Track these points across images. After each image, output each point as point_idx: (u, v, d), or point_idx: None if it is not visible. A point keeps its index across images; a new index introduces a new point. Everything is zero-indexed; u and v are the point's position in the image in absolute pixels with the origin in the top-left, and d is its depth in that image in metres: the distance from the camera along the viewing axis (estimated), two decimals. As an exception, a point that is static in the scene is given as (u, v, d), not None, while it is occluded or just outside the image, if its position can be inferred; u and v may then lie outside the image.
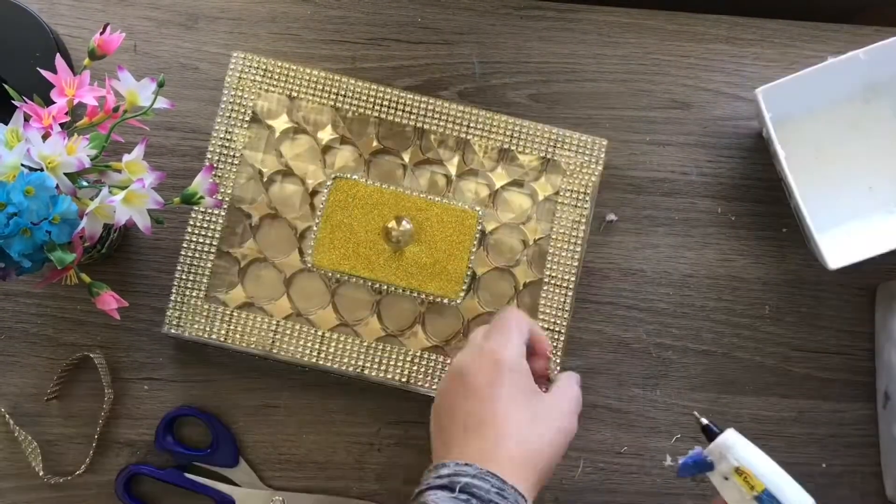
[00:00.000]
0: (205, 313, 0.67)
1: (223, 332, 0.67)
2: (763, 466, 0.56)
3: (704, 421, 0.59)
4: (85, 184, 0.57)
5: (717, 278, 0.72)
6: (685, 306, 0.72)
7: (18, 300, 0.70)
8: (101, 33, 0.58)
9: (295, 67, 0.69)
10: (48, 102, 0.56)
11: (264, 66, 0.69)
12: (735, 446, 0.57)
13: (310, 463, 0.70)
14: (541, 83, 0.73)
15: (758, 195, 0.73)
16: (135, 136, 0.62)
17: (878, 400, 0.72)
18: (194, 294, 0.67)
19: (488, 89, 0.73)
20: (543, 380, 0.62)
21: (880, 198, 0.72)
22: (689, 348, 0.72)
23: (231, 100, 0.69)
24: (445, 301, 0.68)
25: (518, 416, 0.57)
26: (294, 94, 0.69)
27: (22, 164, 0.53)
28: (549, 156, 0.69)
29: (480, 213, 0.68)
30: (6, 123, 0.54)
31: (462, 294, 0.68)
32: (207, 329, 0.67)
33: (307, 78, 0.69)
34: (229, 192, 0.68)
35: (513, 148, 0.69)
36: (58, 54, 0.58)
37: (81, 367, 0.70)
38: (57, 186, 0.53)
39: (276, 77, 0.69)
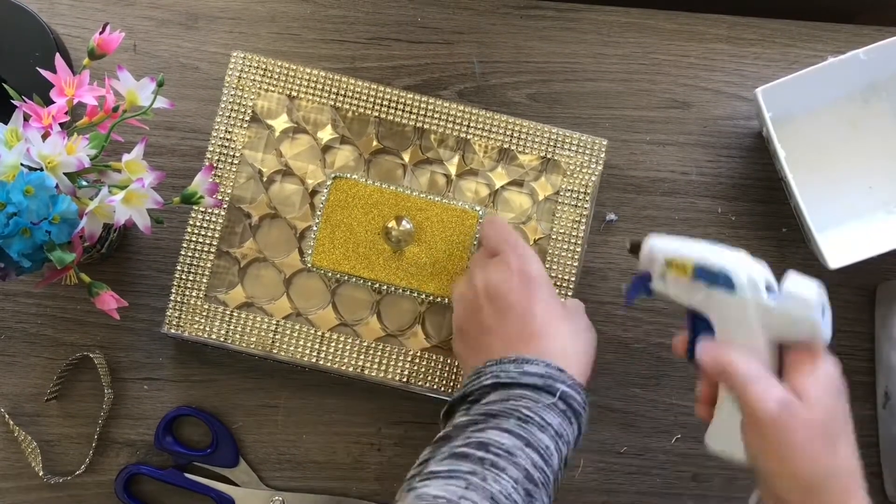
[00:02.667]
0: (204, 313, 0.67)
1: (223, 332, 0.67)
2: (686, 247, 0.56)
3: (629, 244, 0.59)
4: (84, 183, 0.57)
5: (717, 278, 0.72)
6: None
7: (18, 300, 0.70)
8: (101, 33, 0.58)
9: (295, 67, 0.69)
10: (48, 102, 0.56)
11: (264, 66, 0.69)
12: (655, 244, 0.57)
13: (309, 463, 0.70)
14: (541, 83, 0.73)
15: (758, 195, 0.73)
16: (134, 136, 0.62)
17: (878, 400, 0.72)
18: (194, 294, 0.67)
19: (488, 89, 0.73)
20: None
21: (880, 198, 0.72)
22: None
23: (231, 99, 0.69)
24: (445, 301, 0.68)
25: (564, 329, 0.59)
26: (294, 93, 0.69)
27: (21, 164, 0.53)
28: (548, 155, 0.69)
29: (480, 212, 0.68)
30: (6, 123, 0.54)
31: (462, 294, 0.68)
32: (207, 329, 0.67)
33: (307, 77, 0.69)
34: (229, 191, 0.68)
35: (513, 148, 0.69)
36: (57, 54, 0.58)
37: (81, 367, 0.70)
38: (57, 186, 0.53)
39: (276, 77, 0.69)
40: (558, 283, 0.68)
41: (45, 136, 0.53)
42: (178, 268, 0.68)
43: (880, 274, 0.73)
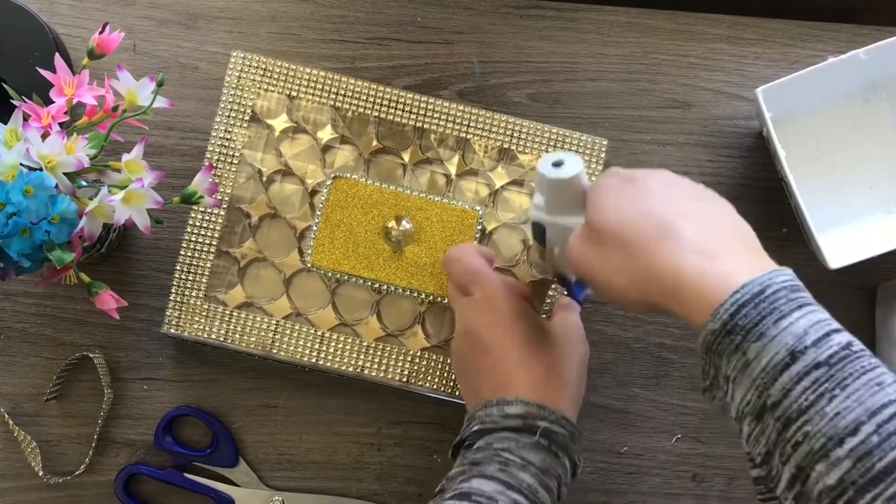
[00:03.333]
0: (204, 313, 0.67)
1: (223, 331, 0.67)
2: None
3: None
4: (84, 183, 0.56)
5: (717, 278, 0.72)
6: (685, 306, 0.72)
7: (18, 300, 0.70)
8: (101, 32, 0.58)
9: (294, 67, 0.69)
10: (47, 102, 0.56)
11: (264, 66, 0.69)
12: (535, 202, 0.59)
13: (309, 463, 0.70)
14: (541, 83, 0.73)
15: (758, 195, 0.73)
16: (134, 136, 0.62)
17: (879, 400, 0.71)
18: (194, 294, 0.67)
19: (488, 89, 0.73)
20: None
21: (880, 198, 0.72)
22: (689, 348, 0.72)
23: (230, 99, 0.69)
24: (445, 301, 0.68)
25: (545, 359, 0.58)
26: (294, 93, 0.69)
27: (21, 164, 0.53)
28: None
29: (480, 212, 0.68)
30: (5, 123, 0.54)
31: (462, 294, 0.68)
32: (207, 329, 0.67)
33: (307, 77, 0.69)
34: (229, 191, 0.68)
35: (513, 148, 0.69)
36: (57, 54, 0.58)
37: (81, 367, 0.70)
38: (56, 186, 0.53)
39: (276, 76, 0.69)
40: (558, 283, 0.68)
41: (44, 136, 0.53)
42: (178, 268, 0.67)
43: (880, 274, 0.73)
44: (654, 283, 0.47)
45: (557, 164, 0.54)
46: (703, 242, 0.47)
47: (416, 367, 0.68)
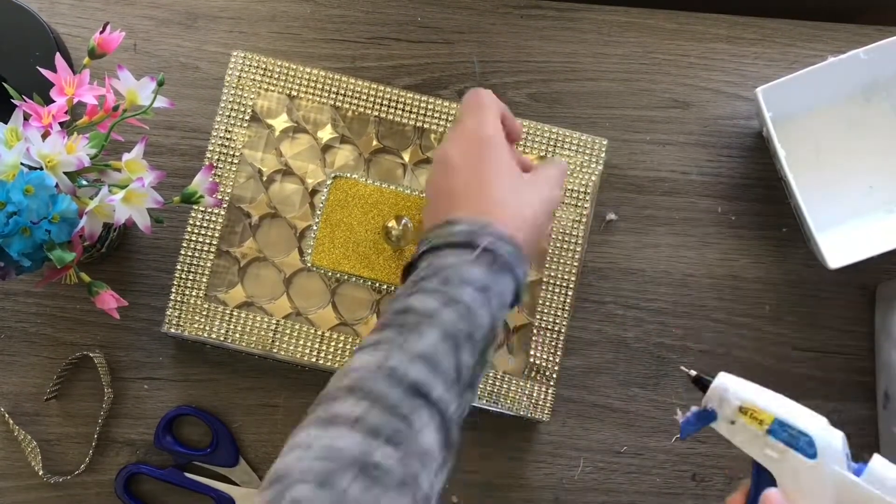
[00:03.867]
0: (204, 313, 0.67)
1: (223, 331, 0.67)
2: (766, 399, 0.54)
3: (693, 373, 0.56)
4: (84, 183, 0.56)
5: (717, 278, 0.72)
6: (685, 306, 0.72)
7: (18, 300, 0.70)
8: (101, 32, 0.58)
9: (295, 66, 0.69)
10: (48, 101, 0.56)
11: (264, 66, 0.69)
12: (731, 387, 0.54)
13: (309, 462, 0.70)
14: (541, 82, 0.73)
15: (758, 195, 0.73)
16: (134, 135, 0.62)
17: (879, 400, 0.72)
18: (194, 293, 0.67)
19: (488, 88, 0.73)
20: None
21: (880, 197, 0.72)
22: (689, 348, 0.72)
23: (231, 99, 0.69)
24: (445, 300, 0.68)
25: (503, 184, 0.57)
26: (294, 93, 0.69)
27: (21, 163, 0.53)
28: (549, 155, 0.69)
29: (480, 212, 0.68)
30: (6, 122, 0.54)
31: (462, 293, 0.68)
32: (207, 328, 0.67)
33: (307, 77, 0.69)
34: (229, 191, 0.68)
35: (513, 147, 0.69)
36: (57, 53, 0.58)
37: (81, 367, 0.70)
38: (56, 185, 0.53)
39: (276, 76, 0.69)
40: (558, 283, 0.68)
41: (45, 136, 0.53)
42: (178, 267, 0.67)
43: (880, 274, 0.73)
44: None
45: None
46: None
47: (416, 367, 0.68)
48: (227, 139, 0.68)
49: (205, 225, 0.68)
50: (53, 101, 0.56)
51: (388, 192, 0.68)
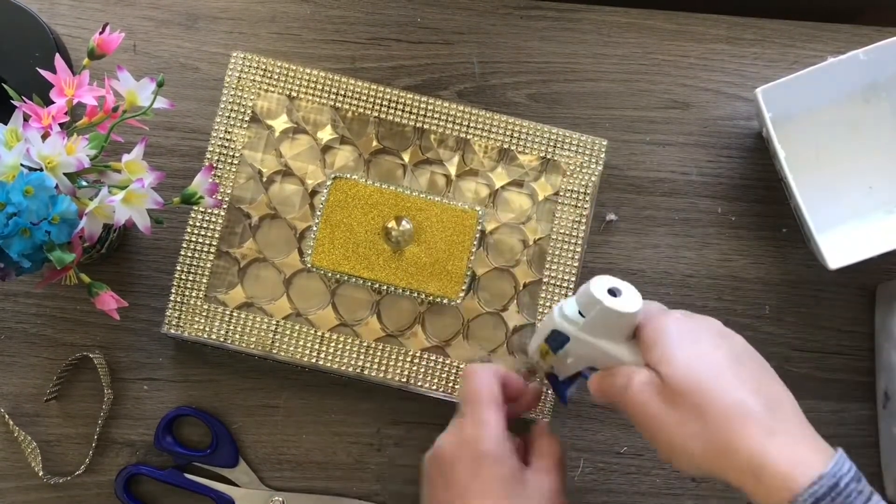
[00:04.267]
0: (204, 313, 0.67)
1: (223, 332, 0.67)
2: (532, 340, 0.59)
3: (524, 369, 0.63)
4: (84, 184, 0.56)
5: (717, 278, 0.72)
6: (685, 306, 0.72)
7: (18, 300, 0.70)
8: (101, 33, 0.58)
9: (294, 67, 0.69)
10: (47, 102, 0.56)
11: (264, 66, 0.69)
12: (528, 348, 0.60)
13: (309, 463, 0.70)
14: (540, 83, 0.73)
15: (758, 195, 0.73)
16: (134, 136, 0.62)
17: (878, 400, 0.72)
18: (194, 294, 0.67)
19: (488, 89, 0.73)
20: (526, 405, 0.62)
21: (880, 198, 0.72)
22: (689, 348, 0.72)
23: (231, 100, 0.69)
24: (445, 301, 0.68)
25: None
26: (294, 93, 0.69)
27: (21, 164, 0.53)
28: (548, 156, 0.69)
29: (480, 212, 0.68)
30: (5, 123, 0.54)
31: (462, 294, 0.68)
32: (207, 329, 0.67)
33: (307, 78, 0.69)
34: (229, 191, 0.68)
35: (513, 148, 0.69)
36: (57, 54, 0.58)
37: (81, 367, 0.70)
38: (56, 186, 0.53)
39: (276, 77, 0.69)
40: (558, 284, 0.68)
41: (44, 137, 0.53)
42: (178, 268, 0.67)
43: (880, 274, 0.73)
44: (731, 460, 0.48)
45: (614, 293, 0.54)
46: (778, 423, 0.49)
47: (415, 368, 0.68)
48: (227, 140, 0.68)
49: (204, 226, 0.68)
50: (53, 102, 0.56)
51: (388, 192, 0.68)
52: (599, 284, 0.55)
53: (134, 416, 0.70)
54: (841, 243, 0.68)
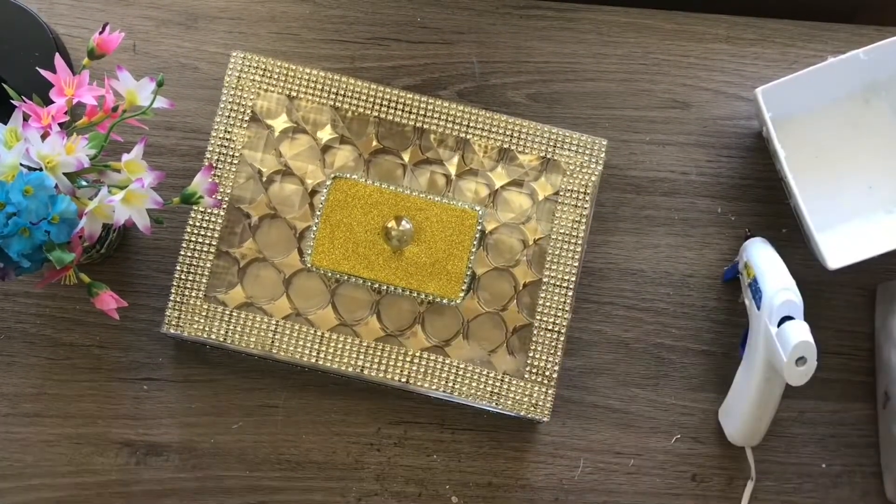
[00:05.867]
0: (204, 313, 0.67)
1: (222, 332, 0.67)
2: (759, 258, 0.66)
3: (749, 232, 0.71)
4: (84, 183, 0.57)
5: (717, 278, 0.72)
6: (685, 306, 0.72)
7: (18, 300, 0.70)
8: (101, 33, 0.58)
9: (294, 67, 0.69)
10: (47, 102, 0.56)
11: (264, 66, 0.69)
12: (748, 247, 0.68)
13: (309, 463, 0.70)
14: (540, 83, 0.73)
15: (758, 195, 0.73)
16: (134, 136, 0.62)
17: (878, 400, 0.72)
18: (193, 294, 0.67)
19: (488, 89, 0.73)
20: None
21: (880, 198, 0.72)
22: (689, 348, 0.72)
23: (230, 99, 0.69)
24: (445, 301, 0.68)
25: None
26: (293, 93, 0.69)
27: (21, 164, 0.53)
28: (548, 156, 0.69)
29: (480, 212, 0.68)
30: (5, 123, 0.54)
31: (462, 294, 0.68)
32: (207, 329, 0.67)
33: (307, 77, 0.69)
34: (228, 191, 0.68)
35: (512, 148, 0.69)
36: (57, 54, 0.58)
37: (81, 367, 0.70)
38: (56, 186, 0.53)
39: (276, 77, 0.69)
40: (558, 284, 0.68)
41: (44, 136, 0.53)
42: (178, 268, 0.67)
43: (880, 274, 0.73)
44: None
45: (800, 361, 0.61)
46: None
47: (415, 368, 0.68)
48: (227, 139, 0.68)
49: (204, 225, 0.68)
50: (53, 102, 0.56)
51: (388, 192, 0.68)
52: (796, 336, 0.61)
53: (134, 416, 0.70)
54: (841, 243, 0.68)
